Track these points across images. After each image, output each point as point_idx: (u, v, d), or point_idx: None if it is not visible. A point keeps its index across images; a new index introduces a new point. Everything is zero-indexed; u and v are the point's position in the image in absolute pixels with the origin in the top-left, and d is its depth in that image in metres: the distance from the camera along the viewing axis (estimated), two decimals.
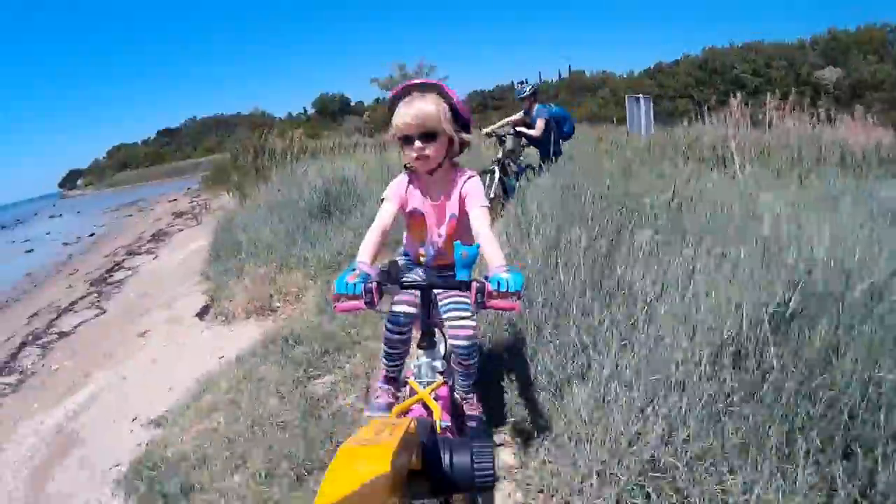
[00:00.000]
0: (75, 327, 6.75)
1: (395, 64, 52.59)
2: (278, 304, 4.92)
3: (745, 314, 1.99)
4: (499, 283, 1.43)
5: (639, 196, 3.85)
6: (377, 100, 61.50)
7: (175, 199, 25.53)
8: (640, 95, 10.34)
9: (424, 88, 1.79)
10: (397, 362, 2.03)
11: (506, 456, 2.24)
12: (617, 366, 2.18)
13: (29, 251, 20.96)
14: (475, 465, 0.98)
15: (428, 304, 1.70)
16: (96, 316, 7.01)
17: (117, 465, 3.12)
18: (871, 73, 46.81)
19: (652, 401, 1.97)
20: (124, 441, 3.39)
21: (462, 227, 1.90)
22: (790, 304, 1.95)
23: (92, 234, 20.90)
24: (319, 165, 8.77)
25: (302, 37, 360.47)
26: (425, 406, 1.62)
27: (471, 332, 1.86)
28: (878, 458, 1.61)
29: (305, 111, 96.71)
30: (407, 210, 1.92)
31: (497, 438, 2.28)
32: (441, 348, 1.92)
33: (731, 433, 1.80)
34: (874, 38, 52.80)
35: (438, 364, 1.77)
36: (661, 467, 1.82)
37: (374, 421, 1.04)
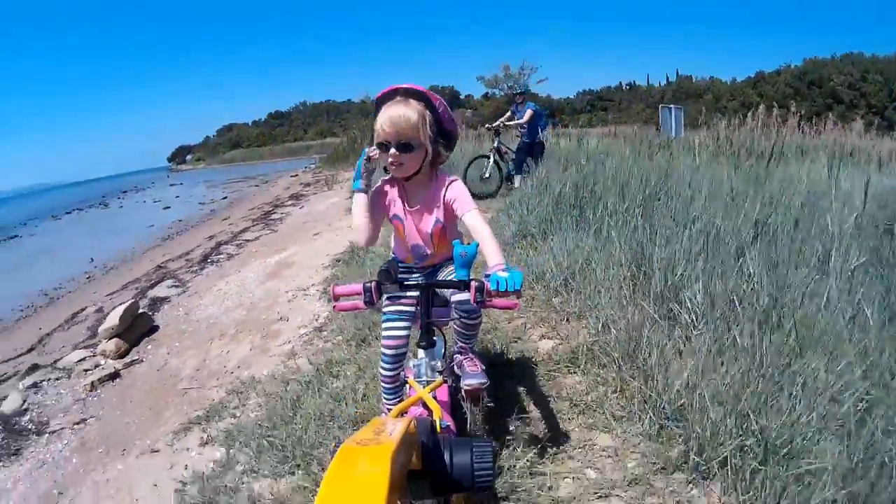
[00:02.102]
0: (256, 238, 10.03)
1: (501, 64, 55.75)
2: None
3: None
4: (498, 283, 1.42)
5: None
6: (485, 95, 64.46)
7: (296, 175, 27.00)
8: (672, 106, 12.57)
9: (410, 94, 1.70)
10: (398, 364, 1.96)
11: None
12: None
13: (166, 208, 23.57)
14: (475, 465, 1.00)
15: (427, 303, 1.68)
16: (272, 232, 10.22)
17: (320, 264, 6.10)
18: None
19: None
20: (319, 263, 6.22)
21: (449, 232, 1.89)
22: None
23: (225, 198, 23.35)
24: None
25: (414, 33, 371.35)
26: (425, 405, 1.56)
27: (472, 303, 1.67)
28: None
29: None
30: (389, 216, 1.91)
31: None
32: (440, 347, 1.90)
33: None
34: None
35: (438, 363, 1.75)
36: None
37: (375, 421, 1.05)
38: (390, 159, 1.69)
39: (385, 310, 1.95)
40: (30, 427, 4.10)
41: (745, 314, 2.26)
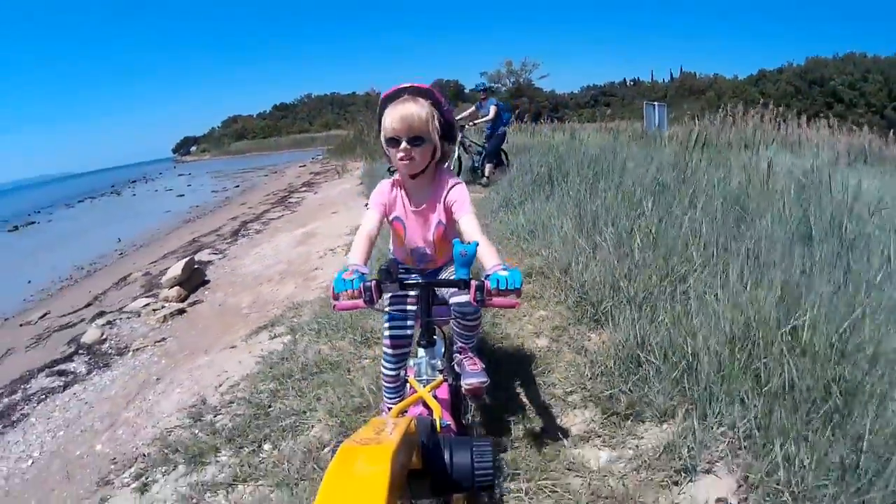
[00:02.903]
0: (279, 217, 11.36)
1: (504, 59, 57.14)
2: None
3: None
4: (498, 282, 1.44)
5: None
6: (489, 88, 66.25)
7: (304, 165, 28.15)
8: (656, 103, 13.77)
9: (417, 93, 1.76)
10: (400, 364, 2.00)
11: None
12: None
13: (180, 196, 24.32)
14: (475, 465, 1.02)
15: (427, 302, 1.70)
16: (292, 213, 11.63)
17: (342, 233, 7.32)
18: None
19: None
20: (341, 232, 7.48)
21: (451, 234, 1.92)
22: None
23: (237, 186, 24.11)
24: None
25: (420, 26, 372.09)
26: (425, 405, 1.57)
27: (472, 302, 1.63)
28: None
29: None
30: (390, 218, 1.94)
31: None
32: (441, 346, 1.89)
33: None
34: None
35: (438, 362, 1.76)
36: None
37: (374, 420, 1.05)
38: (401, 154, 1.75)
39: (387, 309, 2.01)
40: (111, 351, 5.21)
41: (638, 236, 3.47)
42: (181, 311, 5.74)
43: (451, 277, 1.65)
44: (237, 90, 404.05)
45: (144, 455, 2.91)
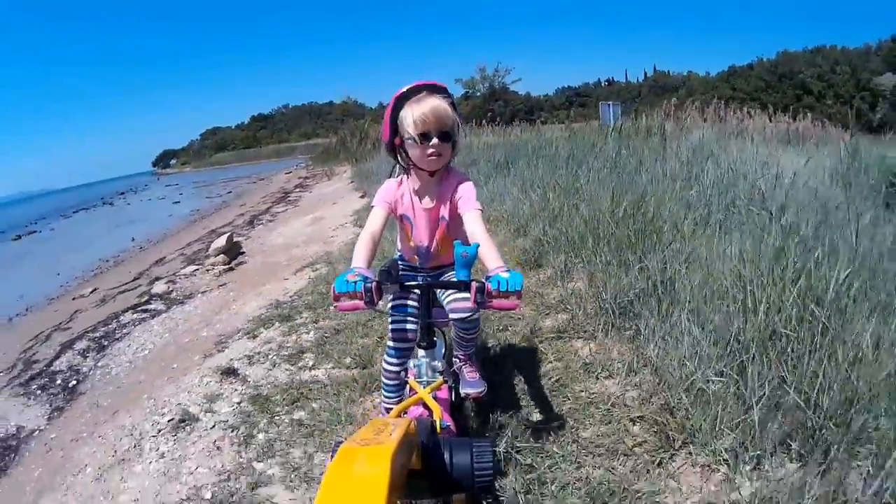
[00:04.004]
0: (284, 210, 13.22)
1: (477, 66, 59.57)
2: None
3: None
4: (499, 283, 1.45)
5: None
6: (465, 95, 68.35)
7: (290, 172, 29.61)
8: (610, 102, 15.80)
9: (434, 90, 1.75)
10: (404, 359, 1.99)
11: None
12: None
13: (176, 202, 25.17)
14: (475, 465, 1.05)
15: (427, 303, 1.72)
16: (295, 207, 13.54)
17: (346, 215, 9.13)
18: None
19: None
20: (345, 214, 9.31)
21: (453, 231, 1.92)
22: None
23: (230, 192, 25.41)
24: None
25: (390, 32, 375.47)
26: (425, 406, 1.57)
27: (471, 303, 1.60)
28: None
29: None
30: (397, 215, 1.94)
31: None
32: (441, 348, 1.90)
33: None
34: None
35: (438, 364, 1.74)
36: None
37: (374, 421, 1.07)
38: (431, 150, 1.72)
39: (393, 304, 2.02)
40: (180, 298, 6.79)
41: (554, 190, 5.35)
42: (230, 269, 7.49)
43: (452, 279, 1.61)
44: (214, 102, 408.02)
45: (244, 329, 4.57)
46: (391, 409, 1.69)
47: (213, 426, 3.04)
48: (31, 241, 20.63)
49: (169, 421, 3.21)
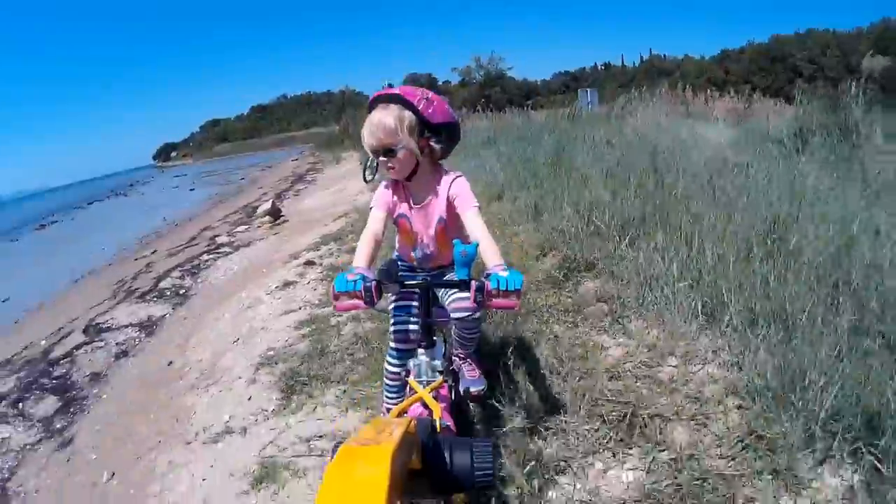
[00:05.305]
0: (305, 188, 15.32)
1: (472, 55, 61.87)
2: None
3: None
4: (499, 282, 1.46)
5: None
6: (462, 82, 70.36)
7: (296, 159, 30.70)
8: (588, 89, 17.66)
9: (388, 100, 1.76)
10: (405, 359, 1.92)
11: None
12: None
13: (191, 189, 26.08)
14: (475, 465, 1.05)
15: (427, 303, 1.73)
16: (313, 185, 15.64)
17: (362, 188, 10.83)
18: None
19: None
20: (361, 188, 10.53)
21: (452, 230, 1.93)
22: None
23: (243, 179, 26.37)
24: None
25: (387, 21, 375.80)
26: (425, 405, 1.59)
27: (471, 303, 1.61)
28: None
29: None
30: (394, 216, 1.95)
31: None
32: (441, 347, 1.90)
33: None
34: None
35: (438, 363, 1.76)
36: None
37: (375, 421, 1.09)
38: (383, 162, 1.77)
39: (395, 304, 2.06)
40: (244, 243, 8.71)
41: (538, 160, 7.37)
42: (277, 225, 9.54)
43: (453, 278, 1.61)
44: (213, 94, 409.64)
45: (308, 247, 6.57)
46: (392, 409, 1.70)
47: (308, 282, 5.15)
48: (58, 229, 20.92)
49: (276, 287, 5.26)
